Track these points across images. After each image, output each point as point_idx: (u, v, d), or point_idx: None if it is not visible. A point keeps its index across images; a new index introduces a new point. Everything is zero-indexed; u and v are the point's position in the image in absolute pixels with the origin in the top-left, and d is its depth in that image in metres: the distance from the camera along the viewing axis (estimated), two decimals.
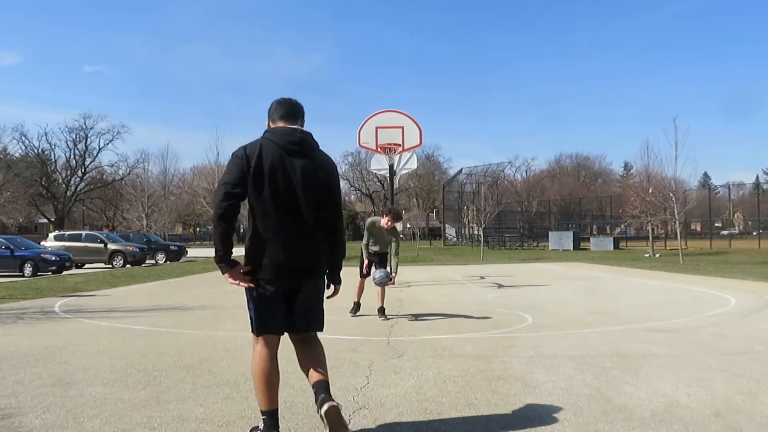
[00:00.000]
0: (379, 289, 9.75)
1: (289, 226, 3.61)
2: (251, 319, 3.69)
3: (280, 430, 3.67)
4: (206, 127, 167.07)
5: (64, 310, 11.00)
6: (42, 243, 29.47)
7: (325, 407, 3.44)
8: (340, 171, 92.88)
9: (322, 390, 3.56)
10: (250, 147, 3.63)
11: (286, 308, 3.69)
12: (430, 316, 9.83)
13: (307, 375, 3.71)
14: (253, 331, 3.70)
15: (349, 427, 3.88)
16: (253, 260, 3.62)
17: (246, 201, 3.64)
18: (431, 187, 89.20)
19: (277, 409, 3.66)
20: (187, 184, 73.76)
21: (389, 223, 9.94)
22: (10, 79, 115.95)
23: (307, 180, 3.64)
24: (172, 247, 36.09)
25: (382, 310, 9.74)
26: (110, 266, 28.74)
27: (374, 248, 10.10)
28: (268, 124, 3.86)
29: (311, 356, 3.75)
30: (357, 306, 10.08)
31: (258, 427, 3.70)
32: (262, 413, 3.62)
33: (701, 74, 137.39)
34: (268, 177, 3.56)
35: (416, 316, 9.71)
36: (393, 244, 10.30)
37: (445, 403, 4.60)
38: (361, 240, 10.36)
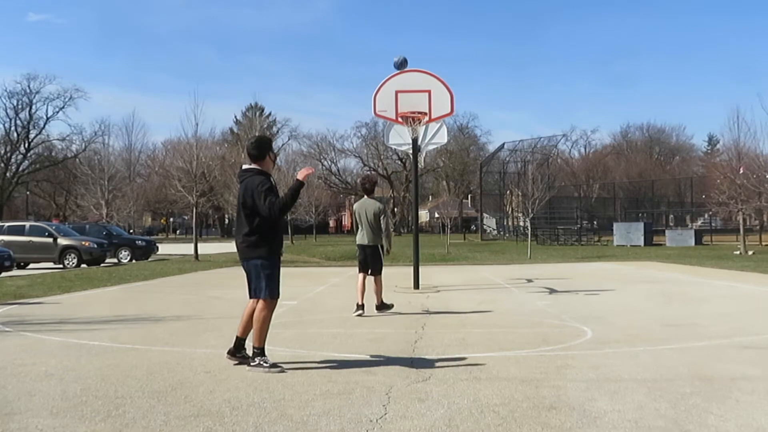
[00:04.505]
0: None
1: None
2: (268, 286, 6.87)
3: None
4: (182, 90, 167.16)
5: (4, 321, 11.08)
6: None
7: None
8: (351, 146, 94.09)
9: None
10: None
11: None
12: (464, 328, 9.83)
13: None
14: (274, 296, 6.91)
15: None
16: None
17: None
18: (465, 166, 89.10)
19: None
20: (158, 163, 73.60)
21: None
22: None
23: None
24: (138, 243, 36.31)
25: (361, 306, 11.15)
26: (61, 266, 28.93)
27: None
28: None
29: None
30: (359, 307, 11.15)
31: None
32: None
33: None
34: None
35: (446, 329, 9.71)
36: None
37: None
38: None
